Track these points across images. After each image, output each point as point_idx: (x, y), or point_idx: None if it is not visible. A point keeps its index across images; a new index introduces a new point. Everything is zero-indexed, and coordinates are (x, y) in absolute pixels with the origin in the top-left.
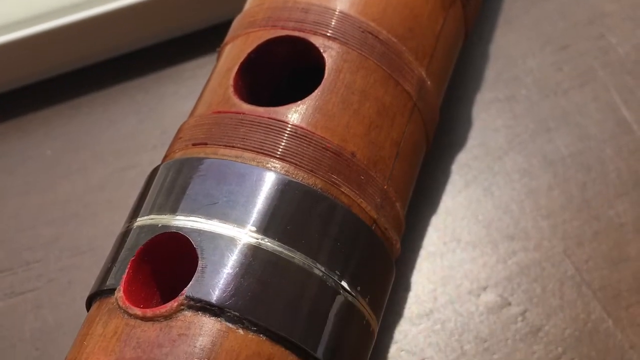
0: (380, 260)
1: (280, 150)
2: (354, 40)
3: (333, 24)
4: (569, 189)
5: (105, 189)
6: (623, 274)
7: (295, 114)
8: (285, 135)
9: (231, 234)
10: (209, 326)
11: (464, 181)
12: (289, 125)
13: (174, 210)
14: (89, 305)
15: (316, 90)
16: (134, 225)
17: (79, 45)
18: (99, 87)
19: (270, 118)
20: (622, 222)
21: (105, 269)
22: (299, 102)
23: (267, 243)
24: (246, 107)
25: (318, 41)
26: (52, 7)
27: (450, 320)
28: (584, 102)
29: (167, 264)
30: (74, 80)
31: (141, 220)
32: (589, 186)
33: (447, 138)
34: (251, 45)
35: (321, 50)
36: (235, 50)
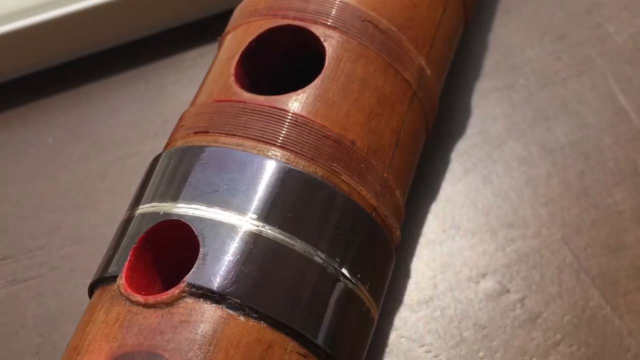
0: (380, 248)
1: (280, 138)
2: (354, 29)
3: (333, 13)
4: (568, 177)
5: (107, 177)
6: (621, 262)
7: (295, 103)
8: (286, 123)
9: (232, 222)
10: (210, 313)
11: (463, 169)
12: (290, 114)
13: (175, 198)
14: (91, 293)
15: (316, 79)
16: (136, 213)
17: (80, 35)
18: (100, 76)
19: (271, 107)
20: (620, 210)
21: (107, 256)
22: (300, 91)
23: (268, 231)
24: (247, 96)
25: (318, 30)
26: None
27: (449, 307)
28: (582, 91)
29: (169, 252)
30: (75, 69)
31: (143, 208)
32: (587, 174)
33: (447, 126)
34: (252, 35)
35: (321, 40)
36: (236, 39)
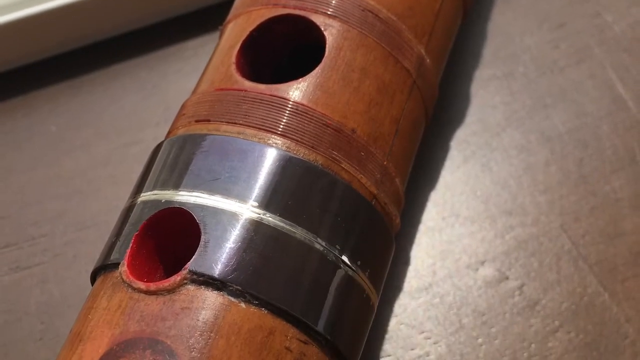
0: (380, 235)
1: (281, 126)
2: (354, 18)
3: (333, 2)
4: (566, 165)
5: (109, 165)
6: (619, 249)
7: (296, 91)
8: (287, 112)
9: (233, 209)
10: (211, 300)
11: (462, 157)
12: (290, 102)
13: (177, 186)
14: (93, 279)
15: (317, 68)
16: (138, 200)
17: (83, 24)
18: (102, 65)
19: (271, 95)
20: (618, 198)
21: (109, 243)
22: (300, 80)
23: (269, 218)
24: (248, 85)
25: (319, 19)
26: None
27: (449, 294)
28: (580, 80)
29: (171, 239)
30: (78, 58)
31: (145, 195)
32: (585, 162)
33: (446, 114)
34: (253, 24)
35: (322, 29)
36: (237, 28)
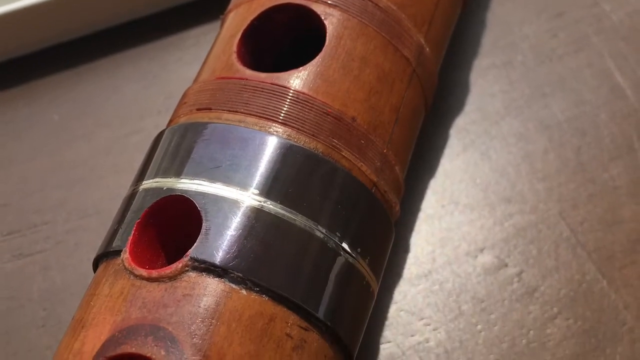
0: (380, 223)
1: (282, 115)
2: (354, 7)
3: None
4: (565, 153)
5: (110, 153)
6: (617, 236)
7: (297, 80)
8: (287, 100)
9: (234, 197)
10: (212, 287)
11: (461, 145)
12: (291, 91)
13: (178, 174)
14: (95, 267)
15: (317, 57)
16: (140, 188)
17: (84, 13)
18: (104, 54)
19: (272, 84)
20: (616, 185)
21: (111, 231)
22: (301, 68)
23: (270, 206)
24: (249, 73)
25: (319, 9)
26: None
27: (448, 281)
28: (578, 68)
29: (172, 227)
30: (79, 47)
31: (147, 183)
32: (583, 150)
33: (446, 103)
34: (254, 13)
35: (322, 18)
36: (238, 17)
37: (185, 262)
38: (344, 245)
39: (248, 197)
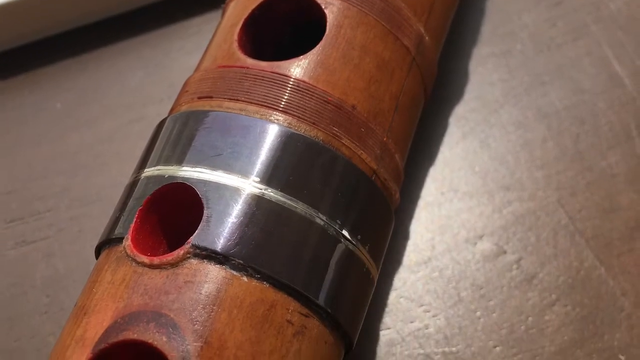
0: (380, 210)
1: (283, 103)
2: None
3: None
4: (563, 141)
5: (113, 141)
6: (615, 223)
7: (297, 68)
8: (288, 88)
9: (235, 185)
10: (214, 274)
11: (461, 133)
12: (292, 79)
13: (180, 162)
14: (98, 254)
15: (318, 46)
16: (142, 175)
17: (87, 2)
18: (107, 43)
19: (273, 72)
20: (614, 173)
21: (113, 218)
22: (301, 57)
23: (271, 193)
24: (250, 62)
25: None
26: None
27: (447, 268)
28: (577, 57)
29: (174, 214)
30: (83, 36)
31: (149, 171)
32: (582, 138)
33: (445, 91)
34: (255, 2)
35: (322, 7)
36: (239, 6)
37: (186, 249)
38: (344, 232)
39: (249, 185)
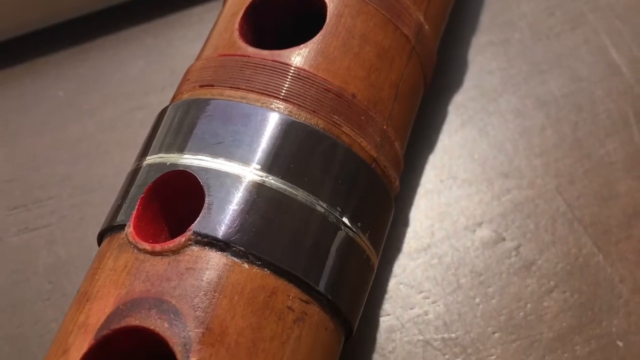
0: (379, 197)
1: (283, 91)
2: None
3: None
4: (561, 129)
5: (115, 129)
6: (613, 211)
7: (298, 57)
8: (289, 77)
9: (236, 172)
10: (215, 260)
11: (460, 121)
12: (292, 68)
13: (181, 149)
14: (100, 241)
15: (318, 35)
16: (144, 163)
17: None
18: (109, 31)
19: (274, 61)
20: (612, 161)
21: (115, 205)
22: (302, 46)
23: (271, 181)
24: (251, 50)
25: None
26: None
27: (447, 255)
28: (575, 46)
29: (175, 201)
30: (84, 24)
31: (150, 158)
32: (580, 126)
33: (444, 80)
34: None
35: None
36: None
37: (188, 236)
38: (345, 219)
39: (250, 173)
